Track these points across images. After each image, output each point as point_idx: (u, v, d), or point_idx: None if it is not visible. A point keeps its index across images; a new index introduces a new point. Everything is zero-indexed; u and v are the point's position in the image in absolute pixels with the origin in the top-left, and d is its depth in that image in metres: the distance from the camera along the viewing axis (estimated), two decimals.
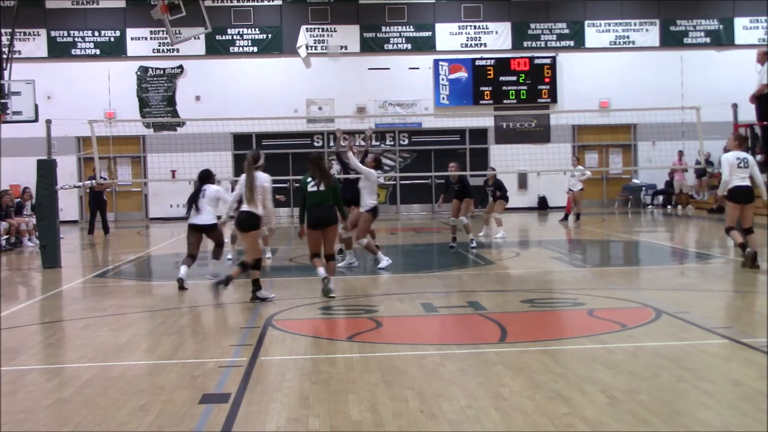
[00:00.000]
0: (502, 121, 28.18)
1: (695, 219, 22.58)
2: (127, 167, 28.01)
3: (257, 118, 21.03)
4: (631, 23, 28.53)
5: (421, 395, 5.23)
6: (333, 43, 27.48)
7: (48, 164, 13.73)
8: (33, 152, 18.54)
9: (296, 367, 6.13)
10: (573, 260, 13.52)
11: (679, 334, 6.96)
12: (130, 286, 11.75)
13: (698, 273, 11.76)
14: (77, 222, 26.56)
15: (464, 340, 7.16)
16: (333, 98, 27.68)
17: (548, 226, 21.93)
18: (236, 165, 27.37)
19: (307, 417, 4.87)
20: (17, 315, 9.05)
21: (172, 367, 6.25)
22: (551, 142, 27.05)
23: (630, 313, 8.17)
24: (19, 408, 5.23)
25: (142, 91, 27.72)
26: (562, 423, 4.62)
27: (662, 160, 25.83)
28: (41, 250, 13.67)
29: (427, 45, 28.17)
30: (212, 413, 4.99)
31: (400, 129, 28.17)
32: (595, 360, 6.07)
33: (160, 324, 8.18)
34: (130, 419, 4.93)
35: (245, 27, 27.86)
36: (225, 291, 9.67)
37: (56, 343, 7.59)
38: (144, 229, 24.40)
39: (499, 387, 5.38)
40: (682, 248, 15.47)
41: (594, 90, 27.76)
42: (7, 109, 16.42)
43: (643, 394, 5.14)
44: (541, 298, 9.43)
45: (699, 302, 8.68)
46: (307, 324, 8.18)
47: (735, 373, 5.65)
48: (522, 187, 28.40)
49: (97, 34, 27.66)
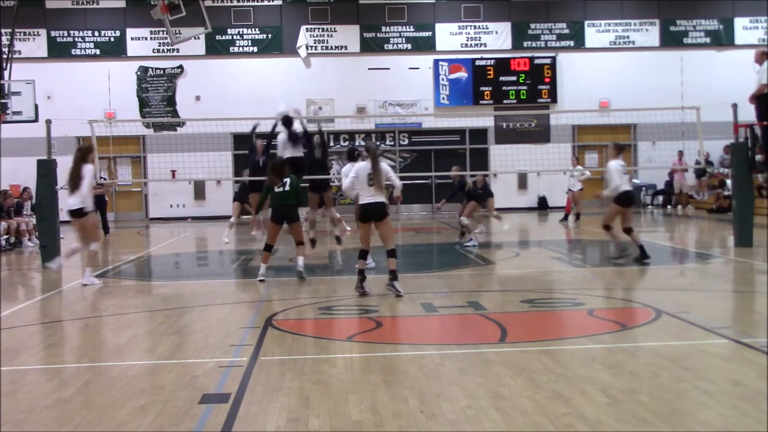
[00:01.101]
0: (502, 121, 28.18)
1: (695, 219, 22.58)
2: (127, 167, 28.01)
3: (257, 118, 21.01)
4: (631, 23, 28.53)
5: (421, 395, 5.23)
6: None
7: (48, 164, 13.73)
8: (33, 152, 18.52)
9: (296, 367, 6.12)
10: (573, 260, 13.52)
11: (679, 334, 6.96)
12: (130, 286, 11.75)
13: (698, 273, 11.76)
14: None
15: (464, 340, 7.16)
16: (333, 98, 27.68)
17: (548, 226, 21.93)
18: (236, 165, 27.44)
19: (307, 417, 4.87)
20: (17, 315, 9.04)
21: (172, 367, 6.24)
22: (551, 142, 27.05)
23: (630, 313, 8.17)
24: (19, 408, 5.23)
25: (142, 91, 27.72)
26: (562, 423, 4.62)
27: (662, 160, 25.83)
28: (41, 250, 13.67)
29: (427, 45, 28.17)
30: (212, 413, 4.99)
31: (400, 129, 28.17)
32: (595, 360, 6.07)
33: (160, 324, 8.17)
34: (130, 419, 4.93)
35: (245, 27, 27.86)
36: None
37: (56, 343, 7.60)
38: (144, 229, 24.40)
39: (499, 387, 5.38)
40: (682, 248, 15.47)
41: (594, 90, 27.76)
42: (7, 109, 16.43)
43: (643, 394, 5.14)
44: (541, 298, 9.43)
45: (699, 302, 8.68)
46: (307, 324, 8.18)
47: (735, 373, 5.65)
48: (522, 187, 28.42)
49: (97, 34, 27.66)
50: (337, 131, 27.78)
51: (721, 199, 23.57)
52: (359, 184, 9.58)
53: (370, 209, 9.48)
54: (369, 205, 9.48)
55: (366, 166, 9.55)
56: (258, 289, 10.61)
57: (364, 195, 9.55)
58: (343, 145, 27.82)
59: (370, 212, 9.49)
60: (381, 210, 9.48)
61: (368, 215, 9.51)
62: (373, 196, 9.45)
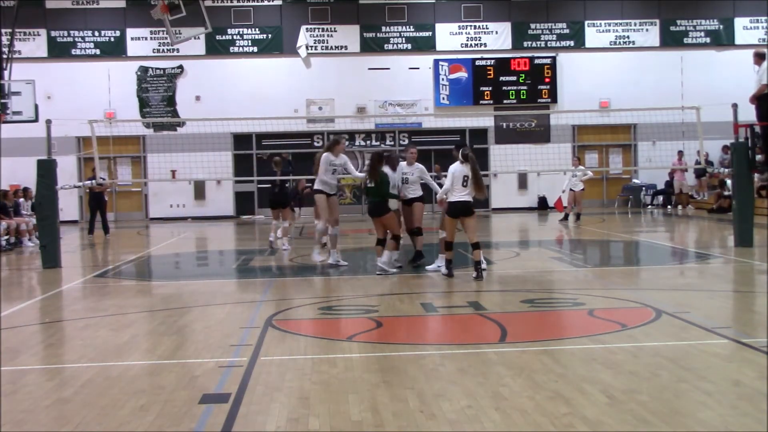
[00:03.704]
0: (502, 121, 28.18)
1: (695, 219, 22.58)
2: (127, 167, 28.01)
3: (257, 118, 21.05)
4: (631, 23, 28.53)
5: (421, 395, 5.23)
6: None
7: (48, 164, 13.72)
8: (33, 152, 18.52)
9: (296, 367, 6.12)
10: (573, 260, 13.52)
11: (679, 334, 6.96)
12: (130, 286, 11.75)
13: (698, 273, 11.76)
14: (77, 222, 26.56)
15: (464, 340, 7.16)
16: (333, 98, 27.68)
17: (548, 226, 21.93)
18: (236, 165, 27.47)
19: (307, 417, 4.87)
20: (17, 315, 9.04)
21: (172, 367, 6.24)
22: (551, 142, 27.04)
23: (630, 313, 8.17)
24: (19, 408, 5.22)
25: (142, 91, 27.72)
26: (562, 423, 4.62)
27: (662, 160, 25.83)
28: (41, 250, 13.66)
29: (427, 45, 28.17)
30: (212, 413, 4.99)
31: (400, 129, 28.18)
32: (595, 360, 6.06)
33: (160, 324, 8.17)
34: (130, 419, 4.93)
35: (245, 27, 27.86)
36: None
37: (56, 343, 7.60)
38: (144, 229, 24.40)
39: (499, 387, 5.38)
40: (682, 248, 15.47)
41: (594, 90, 27.75)
42: (7, 109, 16.44)
43: (643, 394, 5.14)
44: (541, 298, 9.43)
45: (699, 302, 8.67)
46: (307, 324, 8.18)
47: (735, 373, 5.65)
48: (522, 187, 28.42)
49: (97, 34, 27.66)
50: (337, 131, 27.76)
51: (721, 199, 23.57)
52: (455, 183, 10.70)
53: (459, 206, 10.68)
54: (459, 203, 10.67)
55: (462, 168, 10.70)
56: (258, 289, 10.61)
57: (456, 193, 10.68)
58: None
59: (459, 209, 10.70)
60: (469, 207, 10.74)
61: (457, 211, 10.72)
62: (465, 195, 10.65)
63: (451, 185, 10.72)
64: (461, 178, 10.68)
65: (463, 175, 10.67)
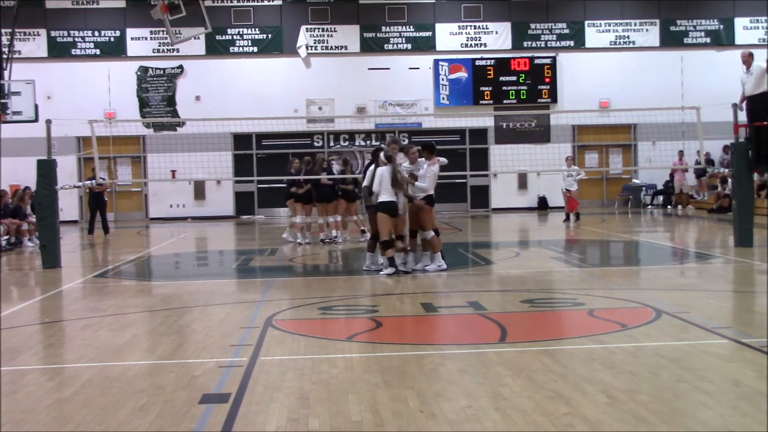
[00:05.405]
0: (502, 121, 28.18)
1: (695, 219, 22.58)
2: (127, 167, 28.01)
3: (257, 118, 21.05)
4: (631, 23, 28.52)
5: (421, 395, 5.23)
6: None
7: (48, 164, 13.71)
8: (33, 152, 18.53)
9: (296, 367, 6.12)
10: (573, 260, 13.52)
11: (679, 334, 6.96)
12: (130, 286, 11.75)
13: (698, 273, 11.76)
14: (77, 222, 26.56)
15: (464, 340, 7.16)
16: (333, 98, 27.67)
17: (548, 226, 21.93)
18: (236, 165, 27.46)
19: (307, 417, 4.88)
20: (17, 315, 9.04)
21: (172, 367, 6.24)
22: (551, 142, 27.05)
23: (630, 313, 8.17)
24: (19, 408, 5.23)
25: (142, 91, 27.72)
26: (562, 423, 4.62)
27: (662, 160, 25.82)
28: (41, 250, 13.65)
29: (427, 45, 28.17)
30: (212, 413, 4.99)
31: (400, 129, 28.15)
32: (595, 360, 6.07)
33: (160, 324, 8.18)
34: (130, 419, 4.93)
35: (245, 27, 27.86)
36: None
37: (56, 343, 7.60)
38: (144, 229, 24.40)
39: (499, 387, 5.38)
40: (682, 248, 15.47)
41: (594, 90, 27.74)
42: (7, 109, 16.42)
43: (643, 394, 5.14)
44: (541, 298, 9.43)
45: (699, 302, 8.68)
46: (307, 324, 8.18)
47: (735, 373, 5.65)
48: (522, 187, 28.41)
49: (97, 34, 27.65)
50: (337, 131, 27.80)
51: (721, 199, 23.57)
52: (383, 183, 11.00)
53: (391, 206, 10.99)
54: (390, 202, 11.01)
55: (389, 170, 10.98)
56: (258, 289, 10.62)
57: (386, 194, 11.02)
58: (344, 145, 27.88)
59: (391, 209, 11.02)
60: (396, 207, 11.10)
61: (391, 211, 11.04)
62: (393, 195, 11.05)
63: (380, 186, 11.12)
64: (389, 179, 11.12)
65: (391, 177, 11.13)
